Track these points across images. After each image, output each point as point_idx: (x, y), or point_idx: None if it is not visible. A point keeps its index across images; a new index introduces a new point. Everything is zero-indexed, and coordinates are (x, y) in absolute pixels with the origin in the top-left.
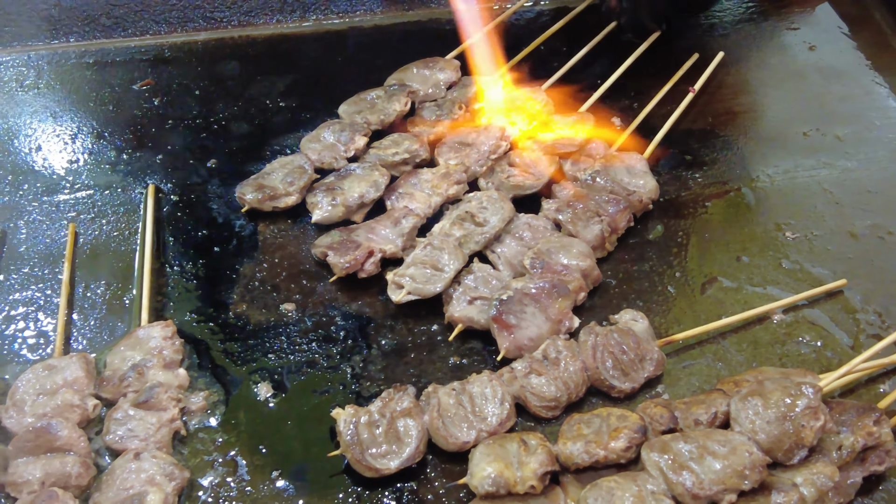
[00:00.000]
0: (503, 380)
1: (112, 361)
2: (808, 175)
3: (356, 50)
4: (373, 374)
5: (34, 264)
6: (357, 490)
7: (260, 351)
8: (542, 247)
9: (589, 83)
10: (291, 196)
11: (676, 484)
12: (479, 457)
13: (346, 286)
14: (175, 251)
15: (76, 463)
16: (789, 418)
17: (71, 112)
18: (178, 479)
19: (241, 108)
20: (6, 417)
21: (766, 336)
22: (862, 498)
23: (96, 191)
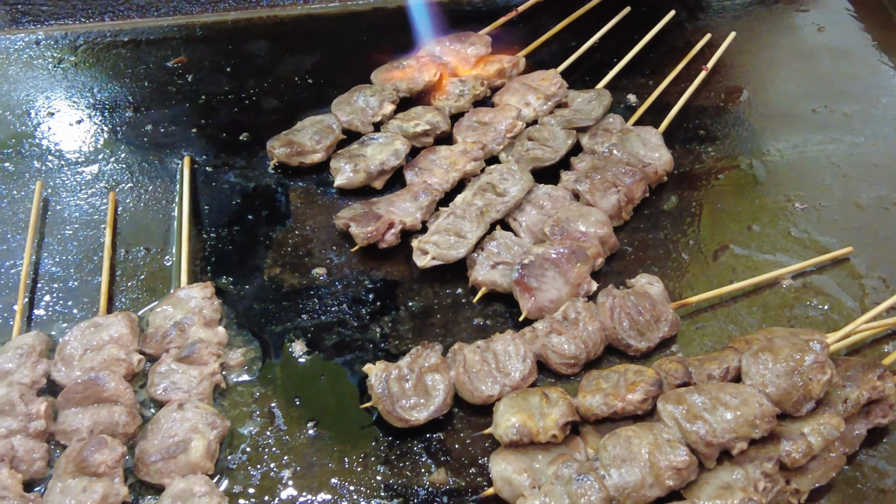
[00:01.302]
0: (525, 338)
1: (154, 320)
2: (816, 149)
3: (380, 30)
4: (401, 334)
5: (76, 230)
6: (388, 439)
7: (293, 312)
8: (561, 215)
9: (605, 62)
10: (318, 153)
11: (691, 432)
12: (503, 409)
13: (372, 253)
14: (210, 219)
15: (123, 412)
16: (798, 372)
17: (108, 88)
18: (220, 427)
19: (271, 85)
20: (55, 371)
21: (776, 300)
22: (866, 449)
23: (135, 162)
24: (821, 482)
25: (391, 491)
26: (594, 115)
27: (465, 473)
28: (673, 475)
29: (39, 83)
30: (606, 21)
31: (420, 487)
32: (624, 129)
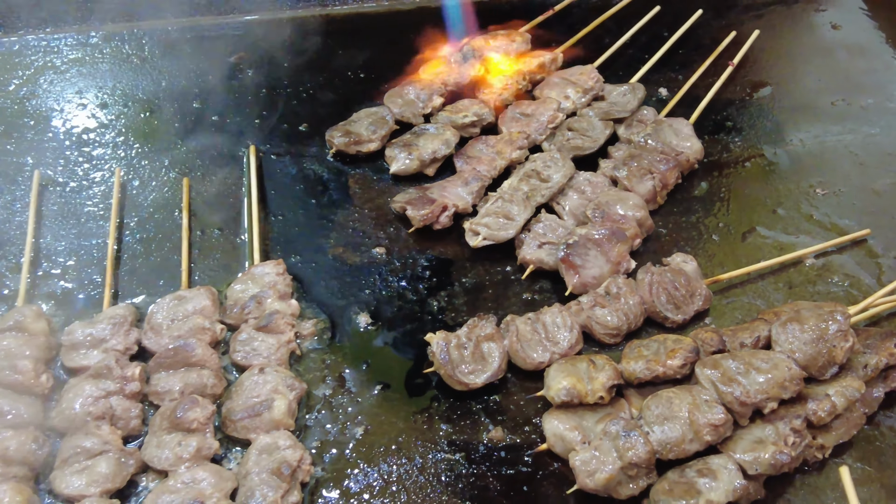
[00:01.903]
0: (571, 311)
1: (233, 293)
2: (835, 139)
3: (426, 27)
4: (456, 307)
5: (153, 212)
6: (449, 401)
7: (357, 287)
8: (601, 199)
9: (637, 57)
10: (373, 142)
11: (726, 393)
12: (553, 373)
13: (427, 234)
14: (277, 203)
15: (210, 375)
16: (823, 340)
17: (176, 81)
18: (298, 389)
19: (326, 79)
20: (146, 339)
21: (800, 278)
22: (884, 410)
23: (204, 150)
24: (843, 439)
25: (454, 446)
26: (629, 107)
27: (519, 431)
28: (711, 431)
29: (113, 77)
30: (638, 19)
31: (480, 443)
32: (657, 120)
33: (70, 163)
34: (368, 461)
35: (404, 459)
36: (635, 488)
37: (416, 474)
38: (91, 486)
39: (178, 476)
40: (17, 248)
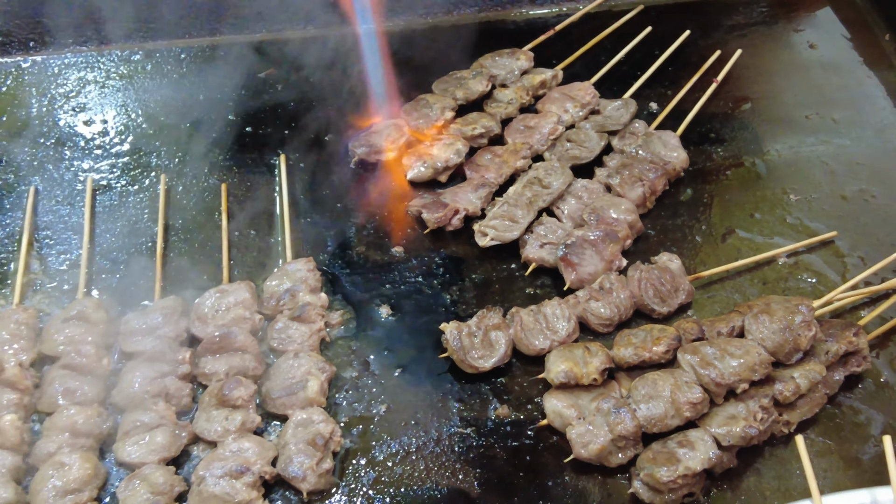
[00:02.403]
0: (569, 304)
1: (269, 287)
2: (809, 150)
3: (437, 46)
4: (467, 300)
5: (195, 215)
6: (461, 382)
7: (378, 282)
8: (596, 204)
9: (630, 74)
10: (391, 152)
11: (704, 376)
12: (553, 358)
13: (440, 235)
14: (305, 206)
15: (252, 359)
16: (789, 329)
17: (212, 95)
18: (328, 371)
19: (347, 93)
20: (193, 327)
21: (773, 274)
22: (844, 392)
23: (239, 158)
24: (807, 416)
25: (465, 422)
26: (622, 120)
27: (523, 408)
28: (690, 408)
29: (155, 91)
30: (631, 39)
31: (488, 419)
32: (647, 132)
33: (118, 169)
34: (390, 434)
35: (422, 433)
36: (624, 458)
37: (432, 445)
38: (150, 455)
39: (225, 446)
40: (75, 246)
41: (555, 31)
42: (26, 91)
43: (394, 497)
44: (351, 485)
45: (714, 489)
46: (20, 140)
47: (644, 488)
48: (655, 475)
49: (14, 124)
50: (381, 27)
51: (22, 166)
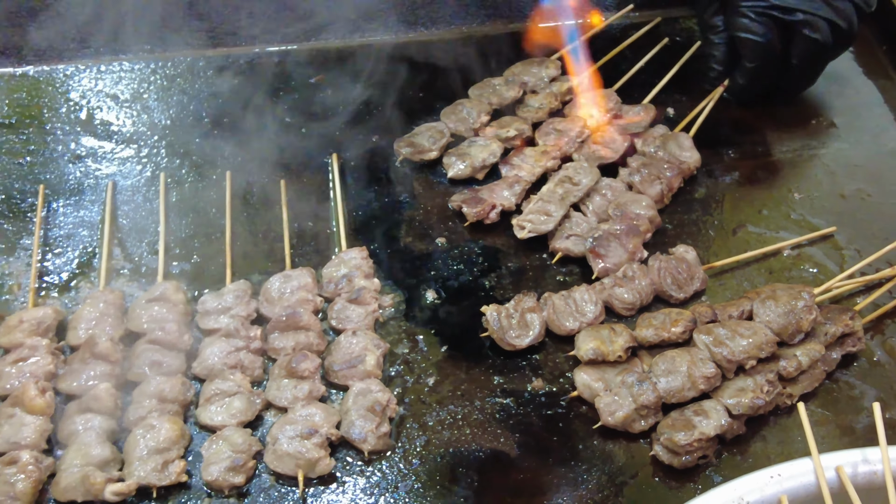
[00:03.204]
0: (596, 290)
1: (327, 273)
2: (811, 152)
3: (472, 53)
4: (504, 286)
5: (258, 208)
6: (500, 359)
7: (424, 269)
8: (620, 200)
9: (649, 82)
10: (433, 152)
11: (717, 353)
12: (582, 337)
13: (478, 227)
14: (356, 201)
15: (315, 336)
16: (792, 313)
17: (267, 100)
18: (382, 347)
19: (392, 97)
20: (262, 308)
21: (779, 265)
22: (841, 369)
23: (296, 157)
24: (807, 389)
25: (505, 392)
26: (643, 124)
27: (556, 382)
28: (704, 382)
29: (217, 95)
30: (650, 49)
31: (525, 391)
32: (665, 135)
33: (187, 166)
34: (439, 403)
35: (466, 402)
36: (646, 424)
37: (476, 413)
38: (230, 419)
39: (295, 411)
40: (152, 235)
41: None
42: (100, 92)
43: (443, 457)
44: (405, 446)
45: (725, 452)
46: (96, 139)
47: (664, 451)
48: (674, 439)
49: (90, 124)
50: (419, 36)
51: (100, 163)
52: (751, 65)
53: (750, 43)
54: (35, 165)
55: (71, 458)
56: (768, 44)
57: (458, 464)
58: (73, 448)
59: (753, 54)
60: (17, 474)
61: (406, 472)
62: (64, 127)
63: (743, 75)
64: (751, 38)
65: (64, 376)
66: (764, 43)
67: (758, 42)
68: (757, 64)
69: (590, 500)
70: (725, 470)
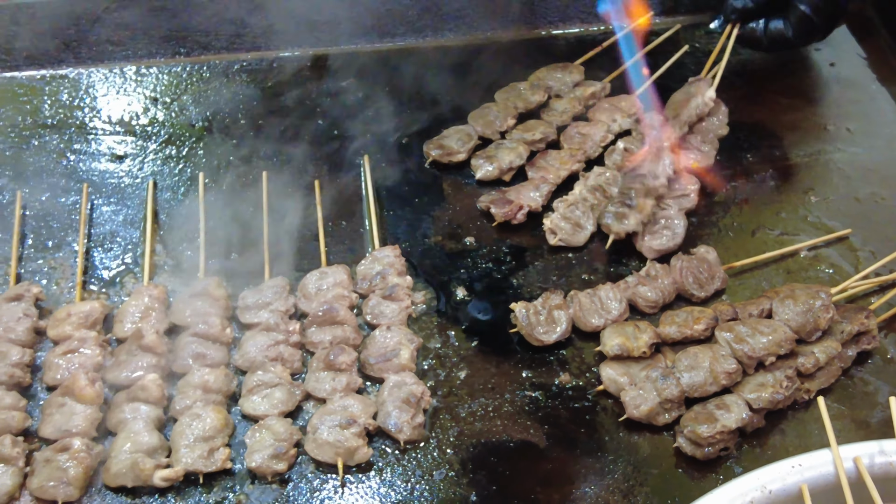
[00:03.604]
0: (620, 288)
1: (361, 270)
2: (827, 157)
3: (498, 59)
4: (532, 283)
5: (293, 208)
6: (528, 353)
7: (454, 267)
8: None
9: (669, 87)
10: (461, 154)
11: (738, 350)
12: (608, 334)
13: (506, 227)
14: (388, 201)
15: (351, 330)
16: (810, 312)
17: (300, 102)
18: (416, 342)
19: (420, 101)
20: (300, 303)
21: (796, 266)
22: (856, 366)
23: (329, 158)
24: (824, 385)
25: (533, 386)
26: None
27: (582, 376)
28: (726, 377)
29: (251, 98)
30: (670, 55)
31: (552, 384)
32: None
33: (225, 166)
34: (470, 396)
35: (497, 395)
36: (669, 417)
37: (506, 406)
38: (271, 409)
39: (334, 402)
40: (192, 233)
41: (602, 48)
42: (139, 95)
43: (475, 447)
44: (439, 436)
45: (745, 445)
46: (136, 139)
47: (687, 443)
48: (697, 431)
49: (130, 124)
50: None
51: (140, 162)
52: (798, 34)
53: (808, 18)
54: (78, 165)
55: (120, 445)
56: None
57: (489, 453)
58: (122, 436)
59: (805, 27)
60: (69, 460)
61: (440, 460)
62: (105, 127)
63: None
64: (810, 14)
65: (111, 367)
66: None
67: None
68: (805, 36)
69: (616, 490)
70: (746, 461)
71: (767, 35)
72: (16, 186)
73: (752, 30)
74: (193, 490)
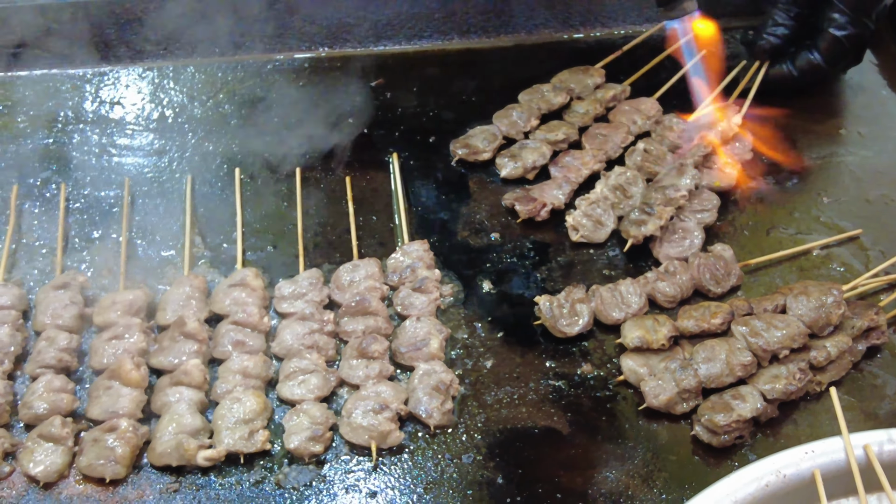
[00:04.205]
0: (640, 283)
1: (392, 263)
2: (839, 159)
3: (522, 60)
4: (554, 278)
5: (326, 202)
6: (552, 345)
7: (480, 262)
8: None
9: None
10: (487, 153)
11: (753, 343)
12: (628, 326)
13: (530, 224)
14: (416, 197)
15: (383, 321)
16: (823, 308)
17: (331, 101)
18: (444, 332)
19: (446, 102)
20: (334, 294)
21: (809, 264)
22: (865, 360)
23: (358, 156)
24: (835, 378)
25: (557, 376)
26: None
27: (603, 367)
28: (741, 369)
29: (286, 96)
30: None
31: (575, 374)
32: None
33: (259, 162)
34: (497, 384)
35: (522, 384)
36: (687, 407)
37: (531, 394)
38: (308, 393)
39: (367, 388)
40: (229, 226)
41: (622, 51)
42: (177, 93)
43: (501, 433)
44: (467, 422)
45: (759, 434)
46: (175, 135)
47: (704, 431)
48: (714, 420)
49: (167, 122)
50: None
51: (180, 158)
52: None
53: (838, 41)
54: (119, 159)
55: (165, 426)
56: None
57: (515, 439)
58: (166, 417)
59: (835, 51)
60: (116, 440)
61: (468, 444)
62: (144, 124)
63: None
64: (840, 36)
65: (155, 353)
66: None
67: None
68: (836, 60)
69: (635, 474)
70: (759, 449)
71: (798, 67)
72: (60, 179)
73: (779, 69)
74: (234, 469)
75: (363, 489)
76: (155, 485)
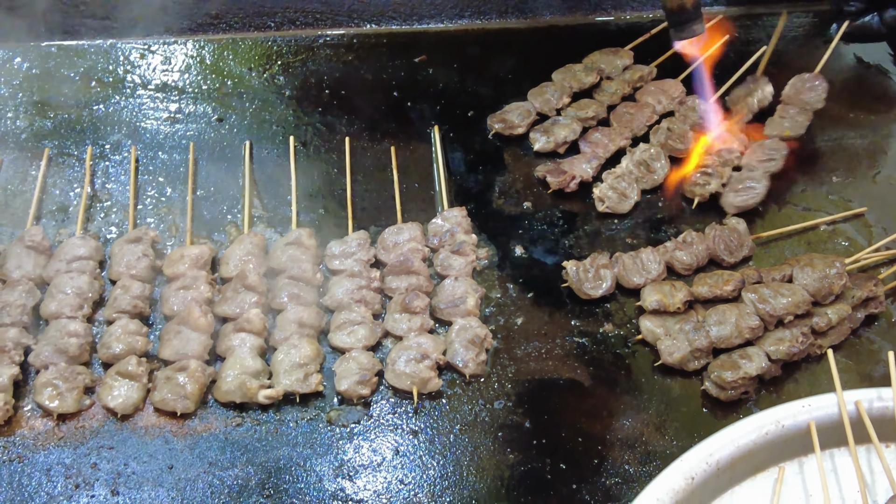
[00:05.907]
0: (660, 252)
1: (432, 228)
2: (849, 142)
3: (556, 41)
4: (581, 245)
5: (373, 171)
6: (578, 306)
7: (513, 228)
8: None
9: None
10: (521, 128)
11: (761, 309)
12: (647, 291)
13: (560, 195)
14: (455, 167)
15: (424, 279)
16: (826, 278)
17: (377, 76)
18: (480, 291)
19: (484, 78)
20: (380, 254)
21: (816, 238)
22: (864, 327)
23: (402, 128)
24: (835, 342)
25: (581, 333)
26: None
27: (624, 326)
28: (749, 332)
29: (335, 70)
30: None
31: (598, 333)
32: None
33: (311, 131)
34: (526, 339)
35: (549, 340)
36: (698, 364)
37: (557, 349)
38: (356, 342)
39: (409, 339)
40: (284, 190)
41: (650, 35)
42: (237, 65)
43: (530, 382)
44: (499, 373)
45: (763, 390)
46: (235, 104)
47: (713, 386)
48: (722, 376)
49: (225, 93)
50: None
51: (239, 125)
52: None
53: None
54: (184, 125)
55: (229, 367)
56: None
57: (541, 389)
58: (230, 360)
59: None
60: (186, 378)
61: (499, 392)
62: (205, 93)
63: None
64: None
65: (219, 302)
66: None
67: None
68: None
69: (649, 423)
70: (763, 404)
71: (885, 24)
72: (130, 142)
73: (867, 24)
74: (290, 408)
75: (406, 428)
76: (220, 419)
